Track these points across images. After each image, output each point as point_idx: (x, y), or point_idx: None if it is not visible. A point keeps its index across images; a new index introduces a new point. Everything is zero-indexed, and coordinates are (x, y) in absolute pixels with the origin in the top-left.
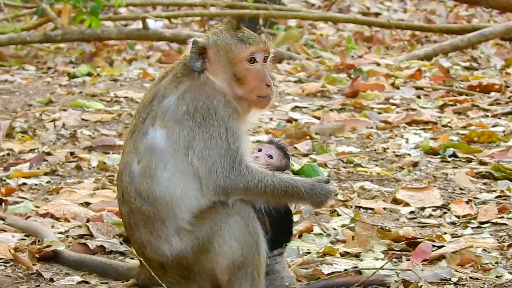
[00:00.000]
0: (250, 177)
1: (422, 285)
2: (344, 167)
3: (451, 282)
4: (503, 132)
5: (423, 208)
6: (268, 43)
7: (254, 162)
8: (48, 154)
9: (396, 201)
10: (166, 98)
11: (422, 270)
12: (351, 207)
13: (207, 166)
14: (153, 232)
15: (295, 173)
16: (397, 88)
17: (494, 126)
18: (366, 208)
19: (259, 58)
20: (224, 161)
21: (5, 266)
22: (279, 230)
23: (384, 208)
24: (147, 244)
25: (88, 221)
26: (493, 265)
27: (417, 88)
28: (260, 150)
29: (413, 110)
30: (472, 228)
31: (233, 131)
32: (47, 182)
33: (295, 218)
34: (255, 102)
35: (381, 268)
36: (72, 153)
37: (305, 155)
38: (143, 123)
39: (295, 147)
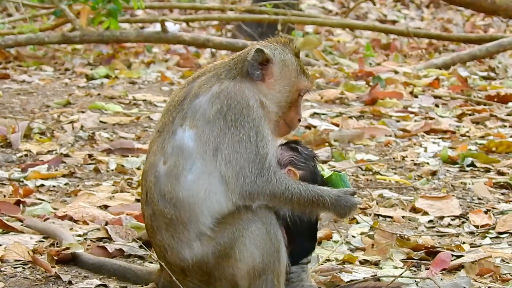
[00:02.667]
0: (278, 183)
1: None
2: (363, 175)
3: None
4: None
5: (441, 217)
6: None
7: (279, 168)
8: (66, 156)
9: (415, 210)
10: (198, 97)
11: (441, 279)
12: (370, 215)
13: (234, 171)
14: (175, 235)
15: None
16: (416, 96)
17: None
18: (385, 216)
19: (303, 93)
20: (252, 166)
21: (23, 268)
22: (304, 239)
23: (403, 217)
24: (168, 248)
25: (106, 224)
26: (511, 276)
27: (435, 97)
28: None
29: (431, 118)
30: (491, 238)
31: (263, 135)
32: (65, 184)
33: None
34: (280, 127)
35: (400, 276)
36: (90, 156)
37: (324, 162)
38: (172, 123)
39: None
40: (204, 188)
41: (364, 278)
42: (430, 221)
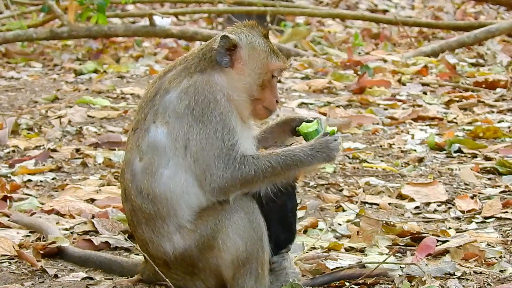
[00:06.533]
0: (246, 169)
1: (426, 280)
2: (350, 163)
3: (455, 277)
4: (508, 127)
5: (428, 203)
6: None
7: (249, 151)
8: (54, 151)
9: (401, 197)
10: (168, 93)
11: (426, 264)
12: (357, 202)
13: (201, 169)
14: (155, 230)
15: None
16: (404, 84)
17: (499, 122)
18: (371, 204)
19: (278, 74)
20: (218, 162)
21: (10, 262)
22: (278, 231)
23: (389, 204)
24: (149, 242)
25: (93, 217)
26: (497, 260)
27: (423, 84)
28: None
29: (419, 106)
30: (477, 223)
31: (229, 127)
32: (52, 179)
33: (300, 214)
34: (258, 111)
35: (384, 262)
36: (77, 150)
37: None
38: (145, 120)
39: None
40: (181, 183)
41: (349, 265)
42: (417, 207)
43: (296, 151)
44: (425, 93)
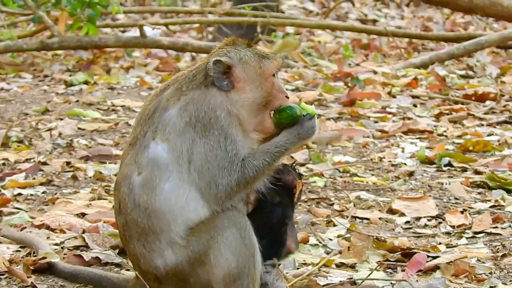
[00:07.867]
0: (247, 172)
1: None
2: (341, 177)
3: None
4: (498, 141)
5: (418, 218)
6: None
7: (246, 152)
8: (44, 163)
9: (391, 211)
10: (167, 110)
11: (417, 281)
12: (347, 217)
13: (206, 182)
14: (146, 245)
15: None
16: (394, 96)
17: (489, 135)
18: (362, 218)
19: (276, 74)
20: (222, 172)
21: (0, 278)
22: (270, 243)
23: (380, 218)
24: (141, 257)
25: (84, 232)
26: (487, 276)
27: (413, 96)
28: None
29: (409, 119)
30: (467, 238)
31: (231, 139)
32: (42, 193)
33: None
34: (263, 123)
35: (369, 276)
36: (68, 163)
37: (302, 164)
38: (144, 137)
39: (291, 157)
40: (181, 198)
41: (340, 281)
42: (407, 222)
43: (284, 142)
44: (415, 105)
